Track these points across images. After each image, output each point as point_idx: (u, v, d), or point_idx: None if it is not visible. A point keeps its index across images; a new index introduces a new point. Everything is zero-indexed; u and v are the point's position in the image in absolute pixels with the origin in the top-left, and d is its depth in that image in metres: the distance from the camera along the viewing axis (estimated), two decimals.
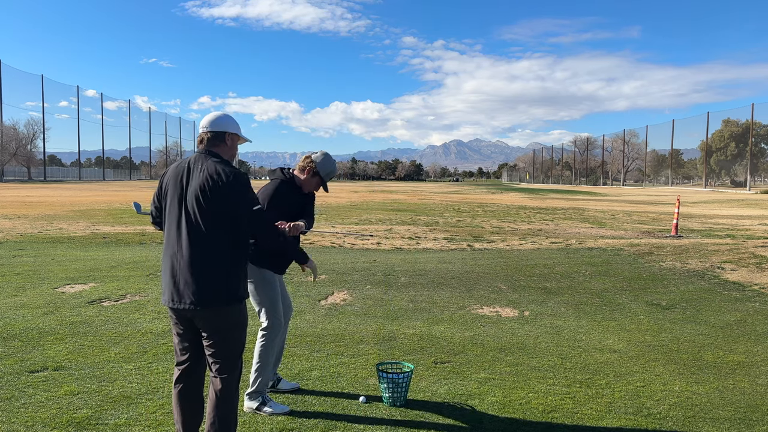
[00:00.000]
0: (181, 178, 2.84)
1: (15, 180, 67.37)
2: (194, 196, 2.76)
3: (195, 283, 2.75)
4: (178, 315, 2.85)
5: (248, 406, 3.65)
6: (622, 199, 39.72)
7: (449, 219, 19.34)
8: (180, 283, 2.77)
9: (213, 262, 2.76)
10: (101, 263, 9.09)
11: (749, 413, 3.75)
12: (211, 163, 2.82)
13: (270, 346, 3.73)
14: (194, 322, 2.84)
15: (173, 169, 2.91)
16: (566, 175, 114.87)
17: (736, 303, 6.91)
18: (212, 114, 2.98)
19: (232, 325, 2.87)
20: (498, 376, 4.36)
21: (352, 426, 3.46)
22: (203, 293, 2.75)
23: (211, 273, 2.75)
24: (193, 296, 2.75)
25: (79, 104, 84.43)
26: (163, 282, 2.87)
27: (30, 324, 5.49)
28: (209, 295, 2.75)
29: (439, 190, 57.18)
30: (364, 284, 7.75)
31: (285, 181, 3.80)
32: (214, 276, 2.76)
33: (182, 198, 2.81)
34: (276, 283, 3.76)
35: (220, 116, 2.97)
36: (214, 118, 2.96)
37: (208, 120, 2.95)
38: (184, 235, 2.77)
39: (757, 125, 66.82)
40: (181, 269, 2.77)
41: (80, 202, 26.05)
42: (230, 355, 2.87)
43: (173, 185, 2.86)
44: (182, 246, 2.77)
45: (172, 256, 2.81)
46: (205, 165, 2.81)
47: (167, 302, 2.83)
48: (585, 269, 9.18)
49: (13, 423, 3.39)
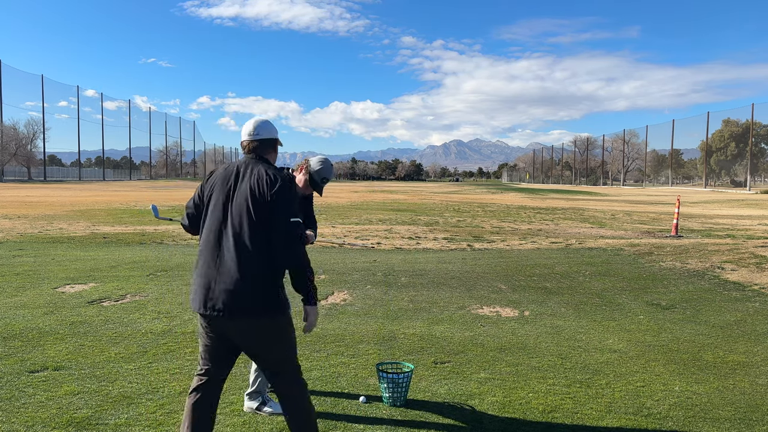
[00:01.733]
0: (229, 182, 2.78)
1: (15, 180, 67.39)
2: (243, 200, 2.69)
3: (234, 290, 2.61)
4: (209, 322, 2.73)
5: (248, 406, 3.65)
6: (622, 199, 39.73)
7: (449, 219, 19.34)
8: (215, 290, 2.65)
9: (259, 270, 2.64)
10: (101, 263, 9.09)
11: (749, 413, 3.75)
12: (263, 168, 2.77)
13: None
14: (227, 331, 2.71)
15: (221, 172, 2.85)
16: (566, 175, 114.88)
17: (736, 303, 6.91)
18: (259, 120, 2.93)
19: (279, 334, 2.74)
20: (498, 376, 4.36)
21: (352, 426, 3.46)
22: (244, 303, 2.62)
23: (255, 281, 2.63)
24: (230, 304, 2.61)
25: (79, 104, 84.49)
26: (196, 286, 2.74)
27: (30, 324, 5.49)
28: (250, 305, 2.63)
29: (439, 190, 57.18)
30: (364, 284, 7.75)
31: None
32: (257, 285, 2.64)
33: (228, 202, 2.74)
34: None
35: (268, 122, 2.93)
36: (265, 124, 2.92)
37: (260, 126, 2.90)
38: (227, 241, 2.68)
39: (757, 125, 66.82)
40: (220, 275, 2.65)
41: (80, 202, 26.05)
42: (283, 360, 2.78)
43: (220, 188, 2.79)
44: (223, 251, 2.67)
45: (209, 260, 2.70)
46: (256, 170, 2.76)
47: (198, 308, 2.70)
48: (585, 269, 9.18)
49: (13, 423, 3.39)
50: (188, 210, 2.96)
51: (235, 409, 3.65)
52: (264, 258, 2.65)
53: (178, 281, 7.72)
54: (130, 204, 24.74)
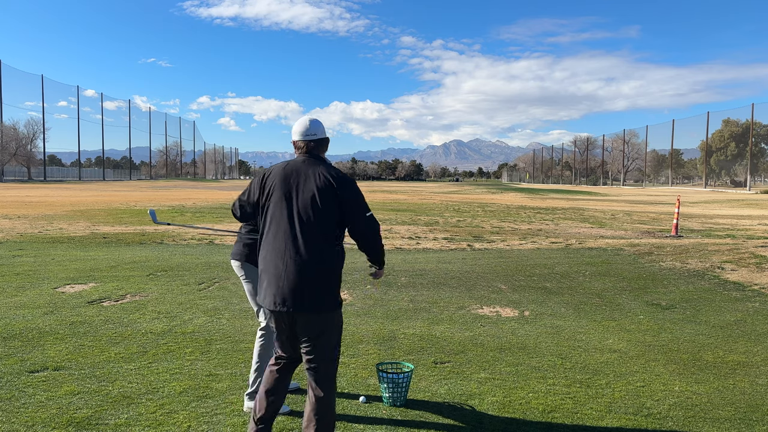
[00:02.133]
0: (291, 181, 2.86)
1: (15, 180, 67.38)
2: (310, 199, 2.78)
3: (304, 287, 2.75)
4: (280, 318, 2.85)
5: (248, 406, 3.65)
6: (622, 199, 39.73)
7: (449, 219, 19.34)
8: (285, 287, 2.75)
9: (325, 267, 2.77)
10: (101, 263, 9.09)
11: (749, 413, 3.75)
12: (324, 168, 2.86)
13: (269, 346, 3.73)
14: (295, 325, 2.85)
15: (279, 172, 2.92)
16: (566, 175, 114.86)
17: (736, 303, 6.91)
18: (311, 118, 3.00)
19: (333, 329, 2.89)
20: (498, 376, 4.36)
21: (352, 426, 3.46)
22: (312, 297, 2.76)
23: (321, 278, 2.76)
24: (301, 300, 2.76)
25: (79, 104, 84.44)
26: (265, 284, 2.84)
27: (30, 324, 5.49)
28: (317, 300, 2.77)
29: (439, 190, 57.18)
30: (364, 284, 7.76)
31: None
32: (324, 281, 2.78)
33: (294, 201, 2.82)
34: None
35: (319, 122, 3.00)
36: (318, 123, 2.99)
37: (315, 126, 2.97)
38: (296, 239, 2.77)
39: (757, 125, 66.82)
40: (289, 272, 2.75)
41: (80, 202, 26.05)
42: (328, 359, 2.89)
43: (282, 188, 2.87)
44: (291, 250, 2.76)
45: (278, 259, 2.79)
46: (318, 170, 2.85)
47: (270, 305, 2.81)
48: (585, 269, 9.18)
49: (13, 423, 3.39)
50: (242, 203, 3.13)
51: (235, 409, 3.65)
52: (332, 255, 2.80)
53: (178, 281, 7.72)
54: (130, 204, 24.74)
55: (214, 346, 4.93)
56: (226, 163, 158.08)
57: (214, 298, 6.74)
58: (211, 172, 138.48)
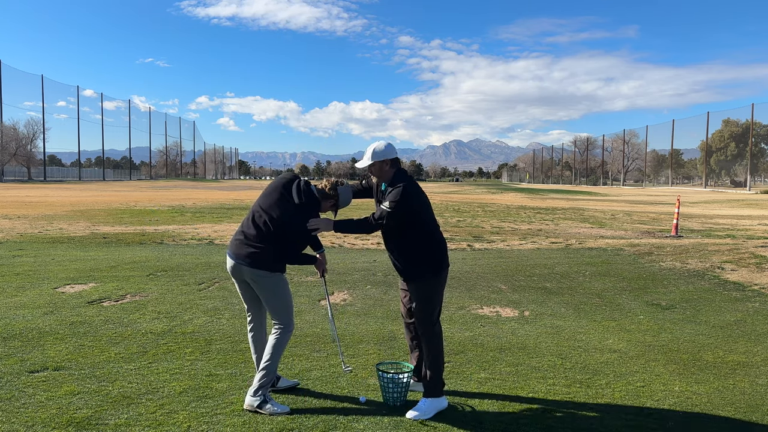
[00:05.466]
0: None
1: (15, 180, 67.37)
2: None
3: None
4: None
5: (249, 404, 3.65)
6: (622, 199, 39.73)
7: (449, 219, 19.34)
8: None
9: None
10: (101, 263, 9.09)
11: (749, 413, 3.75)
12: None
13: (282, 345, 3.75)
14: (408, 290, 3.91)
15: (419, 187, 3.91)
16: (566, 175, 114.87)
17: (736, 303, 6.91)
18: (386, 143, 3.92)
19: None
20: (498, 376, 4.36)
21: (352, 426, 3.46)
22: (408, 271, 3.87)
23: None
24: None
25: (79, 104, 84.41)
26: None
27: (30, 324, 5.49)
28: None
29: (439, 190, 57.17)
30: (364, 284, 7.75)
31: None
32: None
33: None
34: (288, 284, 3.83)
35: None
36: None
37: (391, 148, 3.92)
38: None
39: (757, 125, 66.83)
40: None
41: (80, 202, 26.05)
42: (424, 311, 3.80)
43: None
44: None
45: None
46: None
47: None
48: (585, 269, 9.18)
49: (13, 423, 3.39)
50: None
51: (235, 409, 3.65)
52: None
53: (178, 281, 7.72)
54: (130, 204, 24.74)
55: (214, 346, 4.93)
56: (226, 163, 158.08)
57: (214, 298, 6.74)
58: (211, 172, 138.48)
